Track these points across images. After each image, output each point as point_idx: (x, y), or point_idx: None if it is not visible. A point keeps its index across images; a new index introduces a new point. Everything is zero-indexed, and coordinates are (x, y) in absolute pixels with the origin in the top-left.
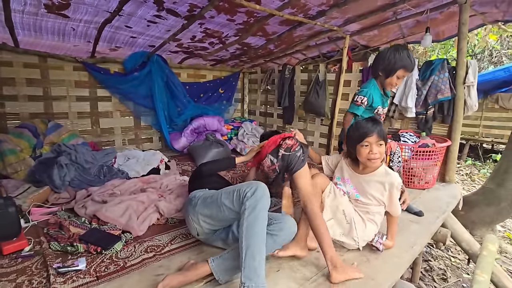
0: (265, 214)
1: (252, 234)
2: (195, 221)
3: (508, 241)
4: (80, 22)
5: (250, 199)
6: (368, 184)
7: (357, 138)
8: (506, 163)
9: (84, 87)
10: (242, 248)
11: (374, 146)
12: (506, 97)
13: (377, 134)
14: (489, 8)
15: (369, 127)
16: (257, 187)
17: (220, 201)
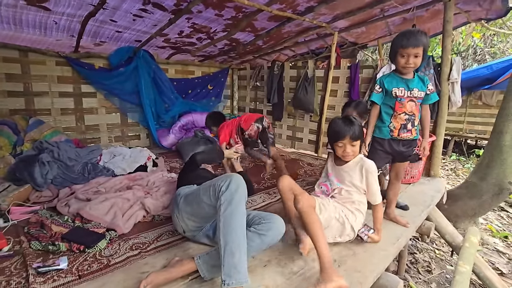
0: (242, 208)
1: (229, 230)
2: (180, 218)
3: (489, 234)
4: (63, 16)
5: (225, 193)
6: (347, 173)
7: (332, 138)
8: (488, 158)
9: (67, 83)
10: (220, 246)
11: (347, 146)
12: (489, 94)
13: (350, 137)
14: (472, 6)
15: (342, 130)
16: (231, 179)
17: (199, 198)
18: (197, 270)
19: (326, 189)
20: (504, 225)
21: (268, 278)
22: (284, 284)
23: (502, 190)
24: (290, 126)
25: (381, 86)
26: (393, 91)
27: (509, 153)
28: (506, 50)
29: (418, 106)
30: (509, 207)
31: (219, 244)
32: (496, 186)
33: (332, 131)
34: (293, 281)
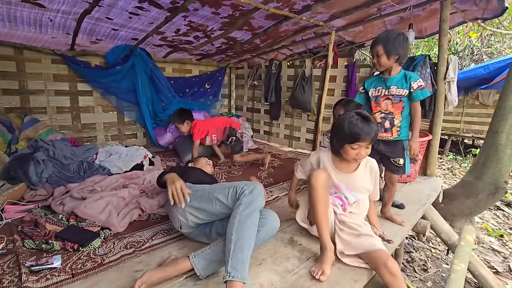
0: (258, 213)
1: (243, 227)
2: (181, 213)
3: (485, 232)
4: (58, 13)
5: (247, 196)
6: (360, 180)
7: (348, 137)
8: (484, 157)
9: (63, 81)
10: (231, 240)
11: (363, 148)
12: (485, 94)
13: (370, 140)
14: (469, 5)
15: (363, 130)
16: (255, 186)
17: (213, 195)
18: (192, 269)
19: (342, 203)
20: (499, 224)
21: (263, 276)
22: (279, 283)
23: (497, 189)
24: (287, 125)
25: (364, 87)
26: (370, 92)
27: (504, 153)
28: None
29: (398, 104)
30: (504, 206)
31: (230, 239)
32: (492, 185)
33: (349, 130)
34: (288, 279)
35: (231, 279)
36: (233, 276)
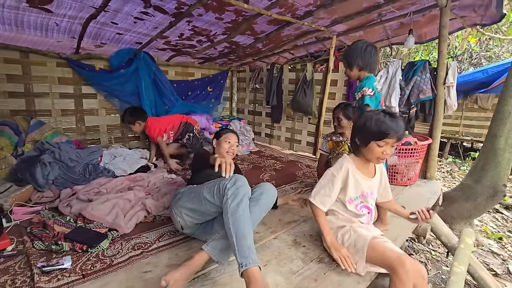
0: (246, 200)
1: (237, 217)
2: (178, 214)
3: (484, 235)
4: (64, 18)
5: (230, 189)
6: (378, 183)
7: (376, 134)
8: (483, 161)
9: (68, 84)
10: (231, 235)
11: (388, 147)
12: (484, 98)
13: (398, 138)
14: (468, 12)
15: (393, 127)
16: (237, 178)
17: (201, 195)
18: (210, 259)
19: (368, 211)
20: (498, 227)
21: (268, 277)
22: (284, 284)
23: (496, 192)
24: (288, 128)
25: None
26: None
27: (503, 156)
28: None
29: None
30: (503, 209)
31: (230, 233)
32: (490, 188)
33: (377, 127)
34: (292, 280)
35: (245, 268)
36: (246, 264)
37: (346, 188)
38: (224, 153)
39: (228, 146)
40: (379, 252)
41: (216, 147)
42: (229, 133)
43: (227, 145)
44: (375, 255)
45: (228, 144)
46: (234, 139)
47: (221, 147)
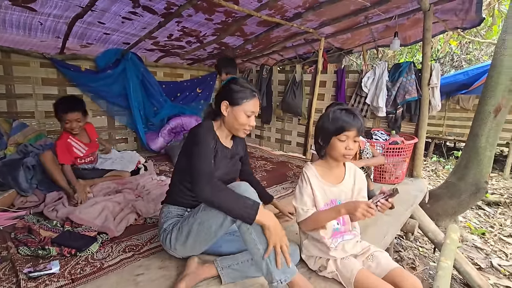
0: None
1: (261, 233)
2: (174, 252)
3: (468, 231)
4: (49, 17)
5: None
6: (349, 188)
7: (334, 129)
8: (465, 159)
9: (52, 85)
10: (261, 254)
11: (351, 141)
12: (466, 99)
13: (357, 129)
14: (449, 16)
15: (350, 121)
16: (238, 189)
17: (211, 230)
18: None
19: (343, 224)
20: (481, 223)
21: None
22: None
23: (479, 189)
24: (278, 129)
25: None
26: None
27: (484, 154)
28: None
29: None
30: (485, 205)
31: (259, 253)
32: (473, 185)
33: (334, 122)
34: None
35: (287, 281)
36: (286, 279)
37: (314, 199)
38: (242, 132)
39: (248, 122)
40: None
41: (229, 117)
42: (253, 99)
43: (246, 120)
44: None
45: (248, 118)
46: (257, 109)
47: (239, 120)
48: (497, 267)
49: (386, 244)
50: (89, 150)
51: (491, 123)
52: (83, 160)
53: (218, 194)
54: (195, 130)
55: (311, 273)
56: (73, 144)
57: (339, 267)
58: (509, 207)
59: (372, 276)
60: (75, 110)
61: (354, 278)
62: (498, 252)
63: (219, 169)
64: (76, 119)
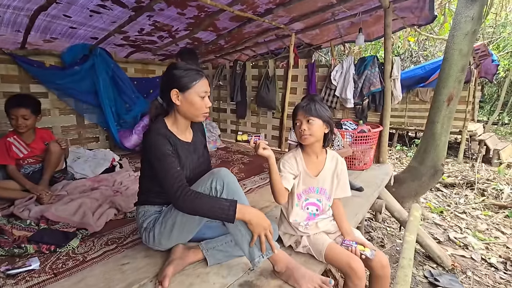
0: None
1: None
2: (158, 245)
3: (428, 210)
4: (8, 8)
5: (223, 191)
6: (329, 175)
7: (293, 118)
8: (424, 145)
9: (13, 82)
10: (242, 234)
11: (303, 122)
12: (424, 91)
13: (303, 110)
14: (406, 13)
15: (299, 105)
16: (219, 174)
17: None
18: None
19: (318, 209)
20: (439, 203)
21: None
22: None
23: (436, 171)
24: (254, 123)
25: None
26: None
27: (440, 140)
28: (436, 53)
29: None
30: (443, 187)
31: (241, 234)
32: (432, 168)
33: (293, 111)
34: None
35: (268, 256)
36: (267, 254)
37: (297, 181)
38: (201, 116)
39: (204, 104)
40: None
41: (182, 105)
42: (202, 79)
43: (202, 102)
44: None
45: (203, 99)
46: (208, 88)
47: (195, 104)
48: (454, 240)
49: (357, 221)
50: (31, 153)
51: (445, 111)
52: (25, 162)
53: (191, 205)
54: (146, 138)
55: (291, 251)
56: (14, 143)
57: (312, 241)
58: (462, 188)
59: (341, 249)
60: (22, 106)
61: (325, 251)
62: (454, 227)
63: (186, 168)
64: (22, 115)
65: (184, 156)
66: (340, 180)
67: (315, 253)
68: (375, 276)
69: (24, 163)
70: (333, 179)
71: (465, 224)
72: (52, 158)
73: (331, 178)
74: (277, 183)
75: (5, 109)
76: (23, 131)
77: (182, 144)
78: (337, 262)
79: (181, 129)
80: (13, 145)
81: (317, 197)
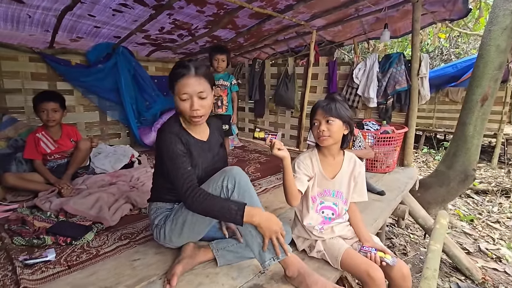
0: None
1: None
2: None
3: (457, 218)
4: (38, 9)
5: (235, 190)
6: (346, 178)
7: (311, 117)
8: (454, 148)
9: (42, 80)
10: (252, 235)
11: (322, 122)
12: (455, 91)
13: (322, 110)
14: (437, 7)
15: (319, 103)
16: (231, 173)
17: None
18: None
19: (334, 213)
20: (470, 210)
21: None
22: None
23: (467, 176)
24: (272, 122)
25: None
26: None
27: (472, 143)
28: (469, 50)
29: (225, 91)
30: (474, 194)
31: (251, 235)
32: (462, 173)
33: (312, 109)
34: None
35: (279, 259)
36: (279, 257)
37: (311, 183)
38: (191, 119)
39: (187, 107)
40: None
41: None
42: (182, 78)
43: (183, 105)
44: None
45: (184, 102)
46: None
47: (178, 107)
48: (485, 251)
49: (377, 227)
50: (58, 149)
51: (478, 112)
52: (52, 157)
53: (200, 206)
54: (159, 136)
55: (304, 255)
56: (42, 139)
57: (327, 246)
58: (496, 195)
59: (358, 255)
60: (52, 100)
61: (341, 257)
62: (485, 237)
63: (198, 167)
64: (52, 109)
65: (197, 154)
66: (357, 183)
67: (330, 258)
68: (395, 286)
69: (51, 158)
70: (350, 182)
71: (499, 235)
72: (80, 155)
73: (348, 181)
74: (290, 184)
75: (34, 105)
76: (52, 124)
77: (196, 142)
78: (354, 269)
79: (195, 126)
80: (41, 140)
81: (333, 201)
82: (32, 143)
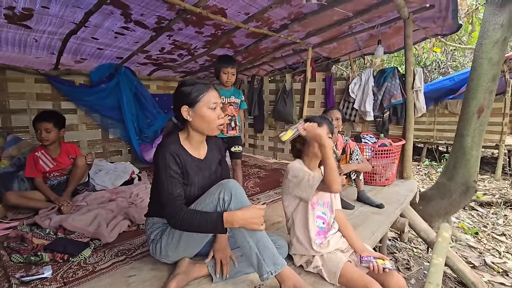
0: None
1: (252, 231)
2: (165, 258)
3: (461, 231)
4: (44, 33)
5: (231, 202)
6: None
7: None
8: (453, 160)
9: (46, 100)
10: (250, 247)
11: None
12: (453, 103)
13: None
14: (428, 23)
15: (318, 119)
16: (227, 185)
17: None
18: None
19: (324, 222)
20: (474, 223)
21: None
22: None
23: (468, 188)
24: (271, 138)
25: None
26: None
27: (471, 154)
28: (466, 63)
29: (237, 109)
30: (478, 206)
31: (248, 246)
32: (463, 185)
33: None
34: None
35: (276, 273)
36: (275, 271)
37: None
38: (216, 129)
39: (216, 115)
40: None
41: (194, 120)
42: (209, 90)
43: (213, 113)
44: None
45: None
46: (218, 99)
47: (206, 117)
48: (491, 265)
49: (375, 240)
50: (56, 167)
51: (475, 123)
52: (51, 175)
53: (183, 226)
54: (156, 153)
55: (301, 269)
56: (41, 157)
57: (325, 261)
58: (501, 207)
59: (357, 270)
60: (44, 120)
61: (340, 272)
62: (491, 251)
63: (194, 186)
64: (45, 129)
65: (193, 173)
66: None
67: (327, 273)
68: None
69: (50, 176)
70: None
71: (505, 248)
72: (78, 172)
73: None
74: (333, 167)
75: (33, 125)
76: (46, 143)
77: (193, 160)
78: (352, 284)
79: (194, 144)
80: (40, 159)
81: (322, 210)
82: (32, 162)
